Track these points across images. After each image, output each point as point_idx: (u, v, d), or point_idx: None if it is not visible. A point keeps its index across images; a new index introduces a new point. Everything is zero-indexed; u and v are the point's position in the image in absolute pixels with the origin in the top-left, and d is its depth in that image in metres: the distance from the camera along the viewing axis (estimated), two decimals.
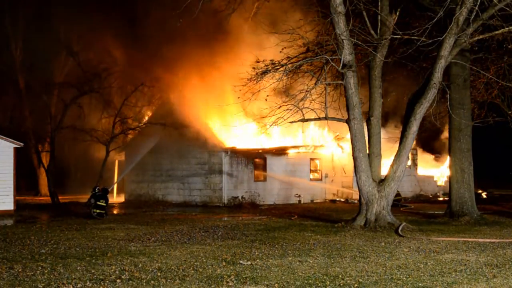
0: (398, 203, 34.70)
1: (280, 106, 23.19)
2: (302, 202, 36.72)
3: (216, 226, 23.07)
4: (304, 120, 23.79)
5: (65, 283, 12.38)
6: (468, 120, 26.42)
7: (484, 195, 39.95)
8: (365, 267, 14.34)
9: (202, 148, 35.73)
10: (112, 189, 38.62)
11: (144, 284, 12.45)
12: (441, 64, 22.53)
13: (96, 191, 27.41)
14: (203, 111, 36.12)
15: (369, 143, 23.71)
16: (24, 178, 40.88)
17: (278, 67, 23.45)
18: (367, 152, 23.41)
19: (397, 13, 23.55)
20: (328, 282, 12.61)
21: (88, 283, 12.45)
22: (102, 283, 12.44)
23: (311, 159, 38.15)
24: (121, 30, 35.33)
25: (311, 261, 15.16)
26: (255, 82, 23.50)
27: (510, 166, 54.06)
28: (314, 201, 37.58)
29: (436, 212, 29.10)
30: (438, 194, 42.52)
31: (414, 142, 25.70)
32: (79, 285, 12.26)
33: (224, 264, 14.70)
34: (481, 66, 26.37)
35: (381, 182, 23.27)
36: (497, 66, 27.84)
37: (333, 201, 38.15)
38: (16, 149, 29.50)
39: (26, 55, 40.97)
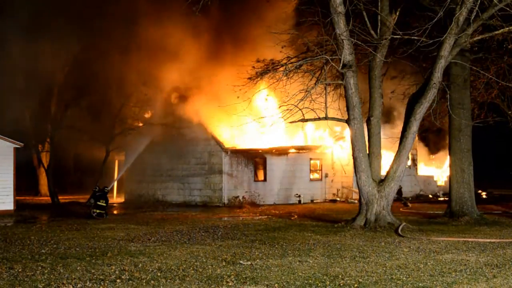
0: (400, 197, 34.73)
1: (280, 106, 23.19)
2: (302, 202, 36.71)
3: (216, 226, 23.07)
4: (304, 120, 23.79)
5: (65, 283, 12.38)
6: (468, 120, 26.41)
7: (484, 195, 39.96)
8: (365, 267, 14.34)
9: (202, 148, 35.75)
10: (112, 188, 38.61)
11: (144, 284, 12.45)
12: (441, 64, 22.53)
13: (96, 190, 27.43)
14: (203, 111, 36.15)
15: (369, 143, 23.71)
16: (24, 178, 40.87)
17: (278, 67, 23.45)
18: (367, 152, 23.42)
19: (397, 13, 23.55)
20: (328, 282, 12.61)
21: (88, 283, 12.45)
22: (102, 283, 12.45)
23: (311, 159, 38.15)
24: (121, 29, 35.31)
25: (311, 261, 15.16)
26: (255, 82, 23.50)
27: (510, 166, 54.09)
28: (314, 201, 37.57)
29: (436, 212, 29.10)
30: (438, 194, 42.53)
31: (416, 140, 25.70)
32: (79, 285, 12.26)
33: (224, 264, 14.70)
34: (481, 66, 26.37)
35: (381, 182, 23.27)
36: (497, 66, 27.84)
37: (333, 201, 38.15)
38: (16, 149, 29.51)
39: (26, 55, 40.92)
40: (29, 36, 37.54)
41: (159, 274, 13.39)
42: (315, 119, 24.19)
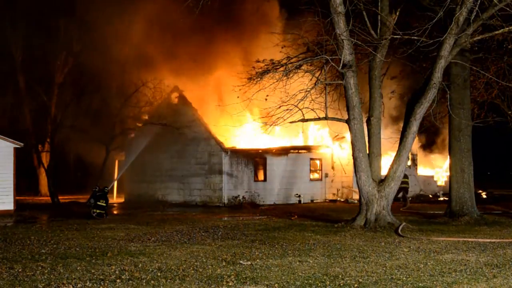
0: (405, 197, 34.67)
1: (280, 106, 23.18)
2: (302, 202, 36.72)
3: (216, 226, 23.07)
4: (304, 120, 23.79)
5: (65, 283, 12.38)
6: (468, 120, 26.41)
7: (484, 195, 39.94)
8: (365, 267, 14.34)
9: (202, 148, 35.75)
10: (112, 188, 38.60)
11: (144, 284, 12.45)
12: (441, 64, 22.53)
13: (96, 190, 27.41)
14: (204, 111, 36.18)
15: (369, 143, 23.71)
16: (24, 178, 40.91)
17: (278, 67, 23.44)
18: (367, 152, 23.41)
19: (397, 13, 23.54)
20: (328, 282, 12.61)
21: (88, 283, 12.45)
22: (102, 283, 12.44)
23: (311, 159, 38.15)
24: (121, 29, 35.34)
25: (311, 261, 15.16)
26: (255, 82, 23.49)
27: (510, 166, 54.11)
28: (314, 201, 37.57)
29: (436, 212, 29.10)
30: (438, 194, 42.52)
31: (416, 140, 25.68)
32: (79, 285, 12.26)
33: (224, 264, 14.70)
34: (481, 66, 26.34)
35: (381, 182, 23.27)
36: (497, 66, 27.81)
37: (333, 201, 38.15)
38: (16, 149, 29.50)
39: (26, 55, 40.98)
40: (29, 35, 37.59)
41: (159, 274, 13.39)
42: (315, 119, 24.18)
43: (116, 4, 34.54)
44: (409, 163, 38.73)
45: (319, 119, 23.91)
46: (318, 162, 38.53)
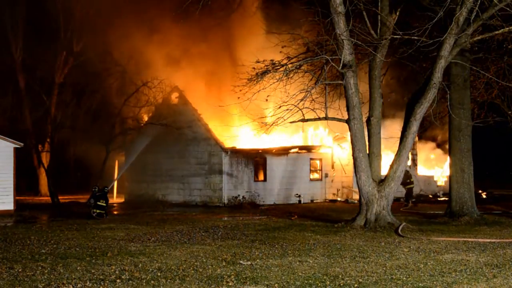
0: (408, 197, 34.61)
1: (280, 106, 23.19)
2: (302, 202, 36.70)
3: (216, 226, 23.07)
4: (304, 120, 23.78)
5: (65, 283, 12.39)
6: (468, 120, 26.41)
7: (484, 195, 39.93)
8: (365, 267, 14.34)
9: (202, 148, 35.76)
10: (112, 188, 38.59)
11: (144, 284, 12.45)
12: (441, 64, 22.53)
13: (96, 190, 27.41)
14: (204, 111, 36.16)
15: (369, 143, 23.72)
16: (24, 178, 40.92)
17: (278, 67, 23.44)
18: (367, 152, 23.42)
19: (397, 13, 23.55)
20: (328, 282, 12.62)
21: (88, 283, 12.45)
22: (102, 283, 12.45)
23: (311, 159, 38.13)
24: (122, 29, 35.36)
25: (311, 261, 15.16)
26: (255, 82, 23.48)
27: (510, 166, 54.08)
28: (314, 201, 37.56)
29: (436, 212, 29.10)
30: (438, 194, 42.52)
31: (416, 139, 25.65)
32: (79, 285, 12.26)
33: (224, 264, 14.71)
34: (481, 66, 26.34)
35: (381, 182, 23.27)
36: (497, 66, 27.82)
37: (333, 201, 38.14)
38: (16, 149, 29.50)
39: (26, 55, 41.01)
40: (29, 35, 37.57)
41: (159, 274, 13.39)
42: (315, 119, 24.18)
43: (116, 4, 34.55)
44: (409, 163, 38.71)
45: (319, 119, 23.90)
46: (318, 162, 38.51)
